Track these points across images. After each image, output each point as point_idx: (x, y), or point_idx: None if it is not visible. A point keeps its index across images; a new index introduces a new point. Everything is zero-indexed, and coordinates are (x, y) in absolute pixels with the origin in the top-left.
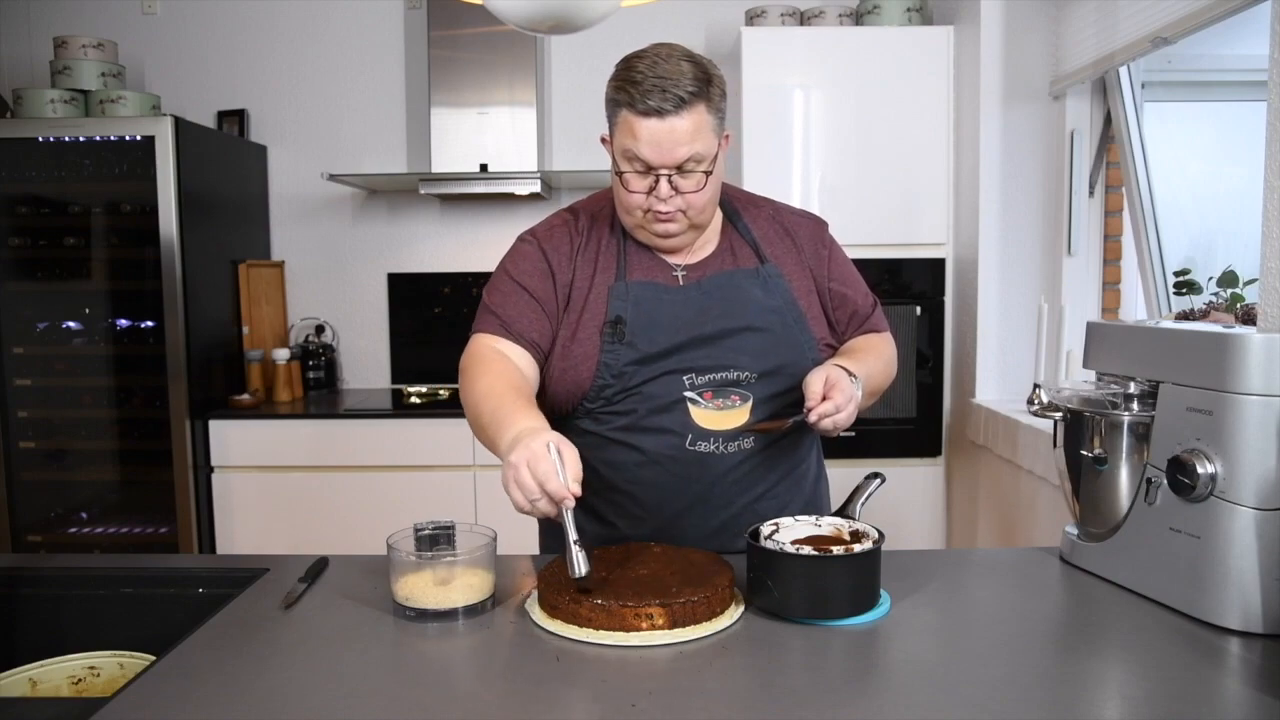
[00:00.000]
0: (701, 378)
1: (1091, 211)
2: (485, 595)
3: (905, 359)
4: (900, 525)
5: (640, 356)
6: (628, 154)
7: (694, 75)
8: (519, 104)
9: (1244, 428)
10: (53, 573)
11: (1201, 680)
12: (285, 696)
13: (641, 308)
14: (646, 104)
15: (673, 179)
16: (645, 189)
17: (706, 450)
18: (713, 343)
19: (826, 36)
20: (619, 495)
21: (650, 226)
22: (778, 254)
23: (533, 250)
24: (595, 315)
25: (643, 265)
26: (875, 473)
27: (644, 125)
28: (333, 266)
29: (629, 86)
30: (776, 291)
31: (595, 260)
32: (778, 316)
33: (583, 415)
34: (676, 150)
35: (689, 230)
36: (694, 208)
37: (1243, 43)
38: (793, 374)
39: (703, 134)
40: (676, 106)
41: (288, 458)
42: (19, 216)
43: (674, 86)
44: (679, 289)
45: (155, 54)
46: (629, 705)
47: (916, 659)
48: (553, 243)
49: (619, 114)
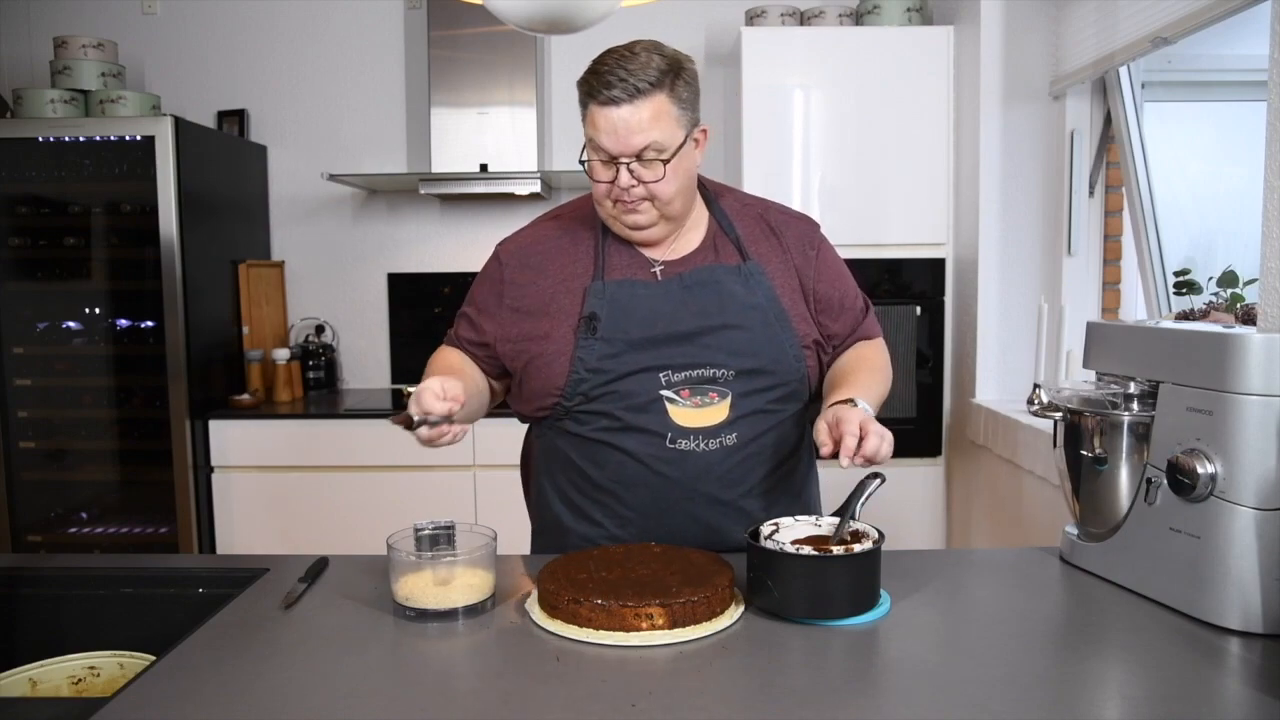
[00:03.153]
0: (678, 375)
1: (1091, 211)
2: (485, 595)
3: (905, 359)
4: (900, 525)
5: (614, 351)
6: (592, 143)
7: (658, 66)
8: (519, 104)
9: (1244, 428)
10: (53, 573)
11: (1201, 680)
12: (285, 696)
13: (617, 304)
14: (606, 94)
15: (633, 168)
16: (609, 178)
17: (688, 448)
18: (690, 339)
19: (826, 36)
20: (604, 495)
21: (621, 217)
22: (761, 252)
23: (492, 266)
24: (570, 314)
25: (621, 264)
26: (875, 473)
27: (603, 114)
28: (333, 266)
29: (592, 78)
30: (758, 289)
31: (573, 261)
32: (759, 314)
33: (563, 416)
34: (633, 138)
35: (661, 222)
36: (659, 198)
37: (1243, 43)
38: (773, 372)
39: (662, 123)
40: (633, 95)
41: (288, 458)
42: (19, 216)
43: (632, 76)
44: (656, 284)
45: (155, 54)
46: (629, 705)
47: (916, 659)
48: (517, 257)
49: (586, 107)
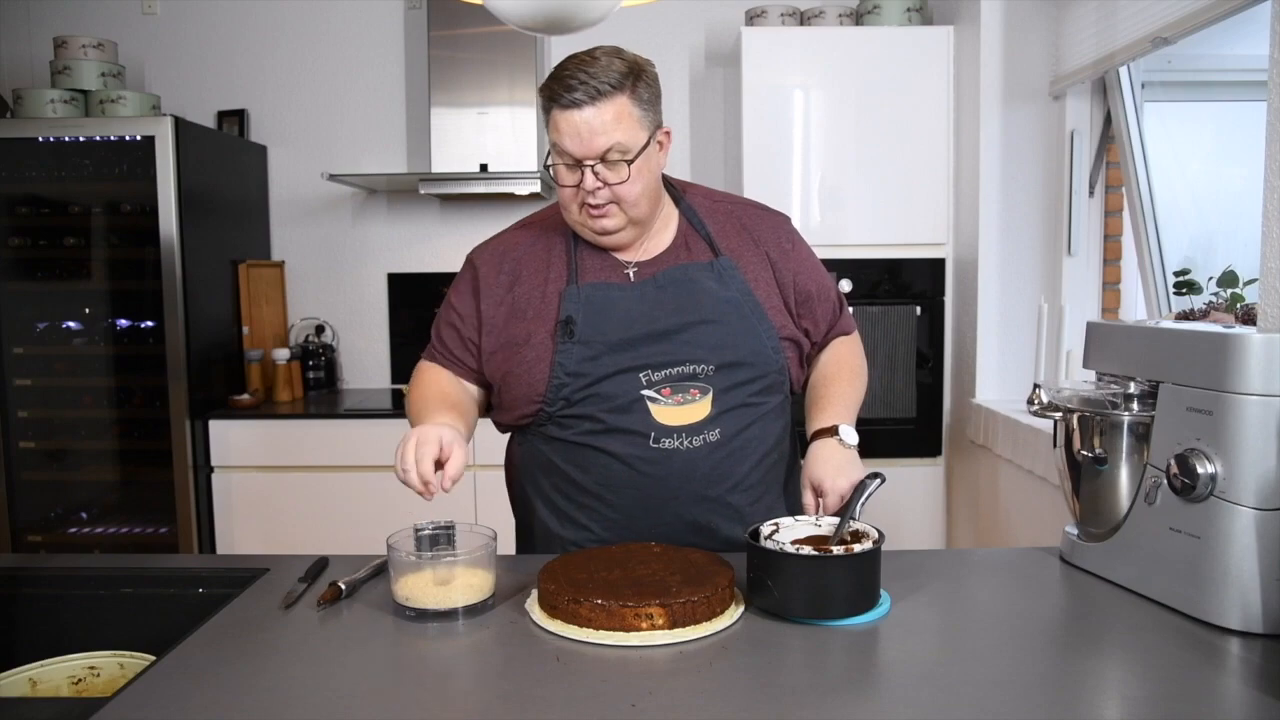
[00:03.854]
0: (658, 374)
1: (1091, 211)
2: (485, 595)
3: (905, 359)
4: (900, 525)
5: (593, 353)
6: (557, 148)
7: (618, 70)
8: (519, 104)
9: (1244, 428)
10: (53, 573)
11: (1201, 680)
12: (285, 696)
13: (592, 307)
14: (567, 97)
15: (597, 170)
16: (574, 182)
17: (671, 447)
18: (668, 337)
19: (826, 36)
20: (589, 498)
21: (588, 223)
22: (733, 247)
23: (467, 273)
24: (547, 320)
25: (595, 268)
26: (875, 473)
27: (565, 117)
28: (333, 266)
29: (554, 83)
30: (732, 283)
31: (547, 268)
32: (734, 308)
33: (546, 422)
34: (595, 140)
35: (629, 226)
36: (625, 200)
37: (1243, 43)
38: (752, 364)
39: (624, 124)
40: (594, 97)
41: (288, 458)
42: (19, 216)
43: (590, 79)
44: (631, 286)
45: (155, 54)
46: (629, 705)
47: (916, 659)
48: (491, 263)
49: (549, 112)
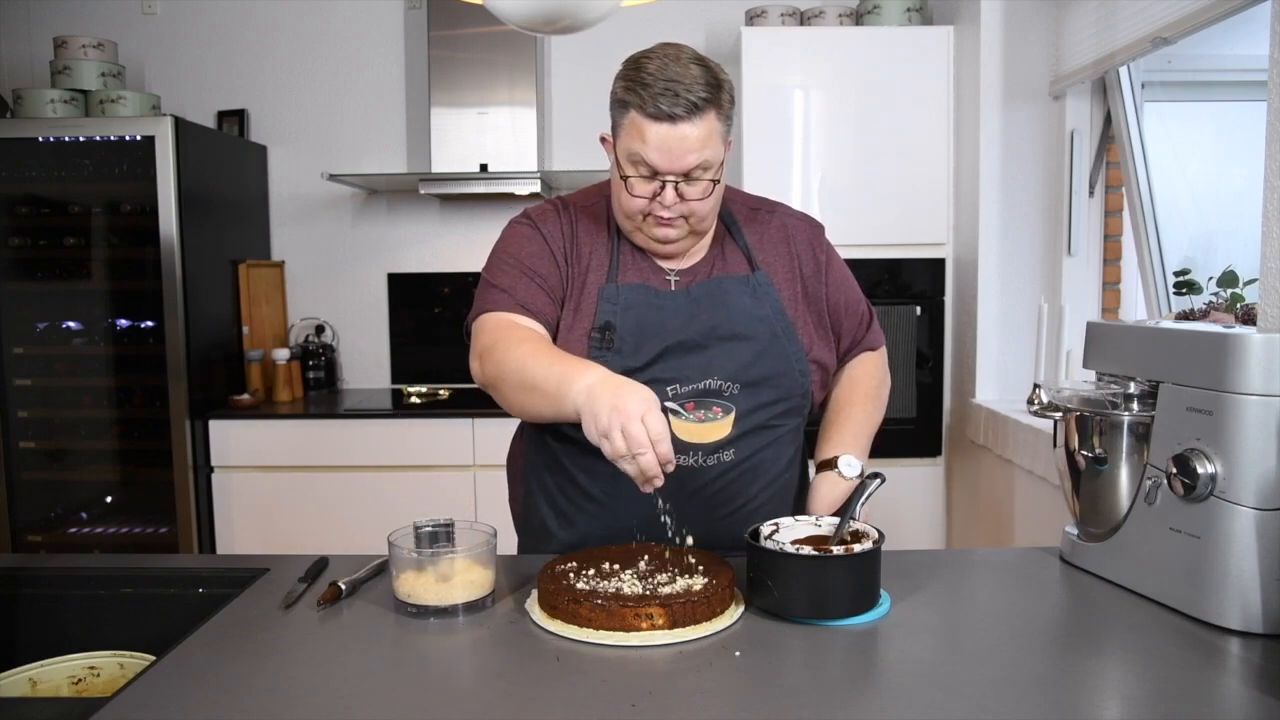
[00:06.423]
0: (685, 388)
1: (1091, 211)
2: (486, 591)
3: (905, 359)
4: (900, 525)
5: (627, 367)
6: (634, 157)
7: (705, 80)
8: (519, 104)
9: (1244, 428)
10: (53, 573)
11: (1201, 680)
12: (285, 696)
13: (631, 313)
14: (658, 107)
15: (679, 186)
16: (649, 194)
17: (686, 464)
18: (698, 351)
19: (826, 37)
20: (592, 505)
21: (649, 230)
22: (769, 260)
23: (531, 232)
24: (585, 317)
25: (636, 266)
26: (875, 473)
27: (654, 129)
28: (333, 266)
29: (639, 89)
30: (766, 300)
31: (588, 256)
32: (766, 326)
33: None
34: (686, 157)
35: (689, 236)
36: (696, 215)
37: (1243, 43)
38: (777, 385)
39: (712, 142)
40: (689, 112)
41: (288, 458)
42: (19, 216)
43: (686, 91)
44: (670, 294)
45: (155, 54)
46: (629, 705)
47: (916, 659)
48: (549, 226)
49: (627, 115)
